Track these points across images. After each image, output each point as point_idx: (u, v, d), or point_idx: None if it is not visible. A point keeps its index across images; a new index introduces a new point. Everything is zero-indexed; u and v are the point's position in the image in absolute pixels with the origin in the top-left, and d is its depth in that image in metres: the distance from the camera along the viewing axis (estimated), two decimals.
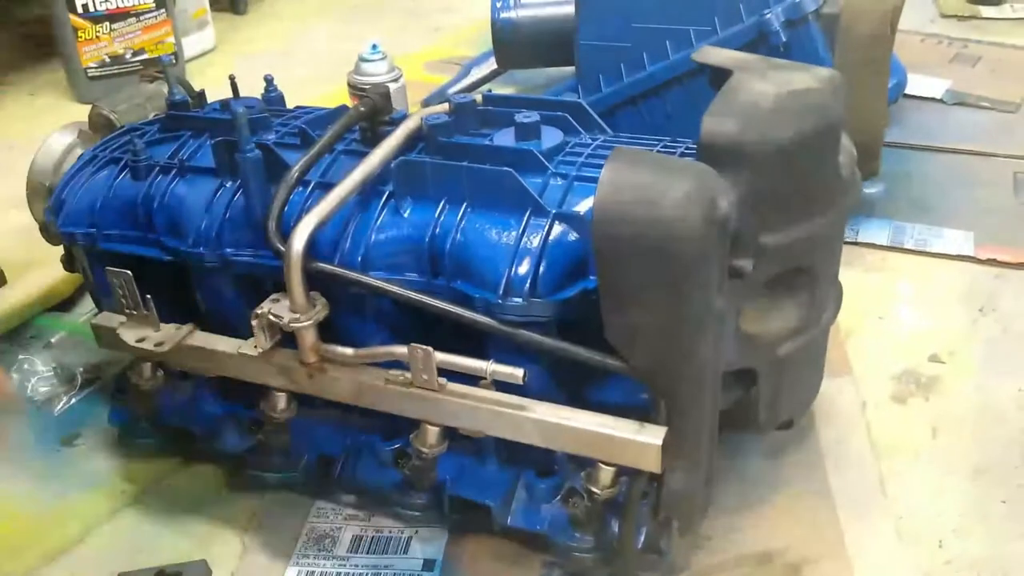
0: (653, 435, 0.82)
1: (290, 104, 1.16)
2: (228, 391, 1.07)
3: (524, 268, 0.85)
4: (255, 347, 0.94)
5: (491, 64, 1.91)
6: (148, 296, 0.95)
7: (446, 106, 1.00)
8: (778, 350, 0.92)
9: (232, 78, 1.15)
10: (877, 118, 1.42)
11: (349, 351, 0.91)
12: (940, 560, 0.97)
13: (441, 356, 0.86)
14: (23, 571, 1.01)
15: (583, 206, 0.88)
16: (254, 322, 0.91)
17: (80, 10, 2.05)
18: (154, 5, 2.12)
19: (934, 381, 1.20)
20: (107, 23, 2.08)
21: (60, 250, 1.12)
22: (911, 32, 2.22)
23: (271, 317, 0.89)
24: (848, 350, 1.26)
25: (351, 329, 0.94)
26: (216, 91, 1.17)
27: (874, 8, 1.40)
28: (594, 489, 0.87)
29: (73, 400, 1.23)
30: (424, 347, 0.86)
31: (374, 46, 1.66)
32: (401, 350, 0.87)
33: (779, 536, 1.00)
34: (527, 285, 0.85)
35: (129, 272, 0.95)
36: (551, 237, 0.87)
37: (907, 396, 1.18)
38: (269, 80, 1.14)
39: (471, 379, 0.88)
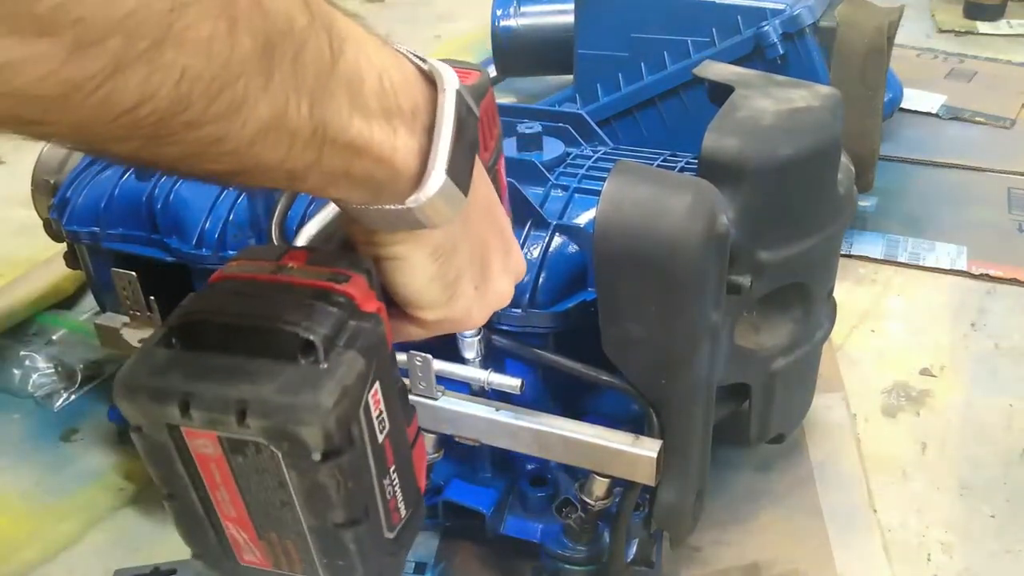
0: (648, 447, 0.83)
1: None
2: None
3: (524, 279, 0.86)
4: None
5: (491, 72, 1.92)
6: (152, 298, 0.95)
7: None
8: (772, 365, 0.93)
9: None
10: (872, 132, 1.43)
11: None
12: (927, 574, 0.98)
13: (439, 364, 0.87)
14: (22, 567, 1.01)
15: (584, 218, 0.89)
16: None
17: None
18: None
19: (924, 395, 1.21)
20: None
21: (63, 247, 1.13)
22: (907, 46, 2.23)
23: None
24: (839, 363, 1.27)
25: None
26: None
27: (871, 22, 1.41)
28: (588, 500, 0.88)
29: (73, 397, 1.24)
30: (423, 354, 0.86)
31: None
32: (400, 357, 0.88)
33: (768, 549, 1.01)
34: (527, 296, 0.86)
35: (134, 274, 0.95)
36: (551, 248, 0.87)
37: (897, 410, 1.19)
38: None
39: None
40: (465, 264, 0.57)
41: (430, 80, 0.50)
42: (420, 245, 0.53)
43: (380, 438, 0.51)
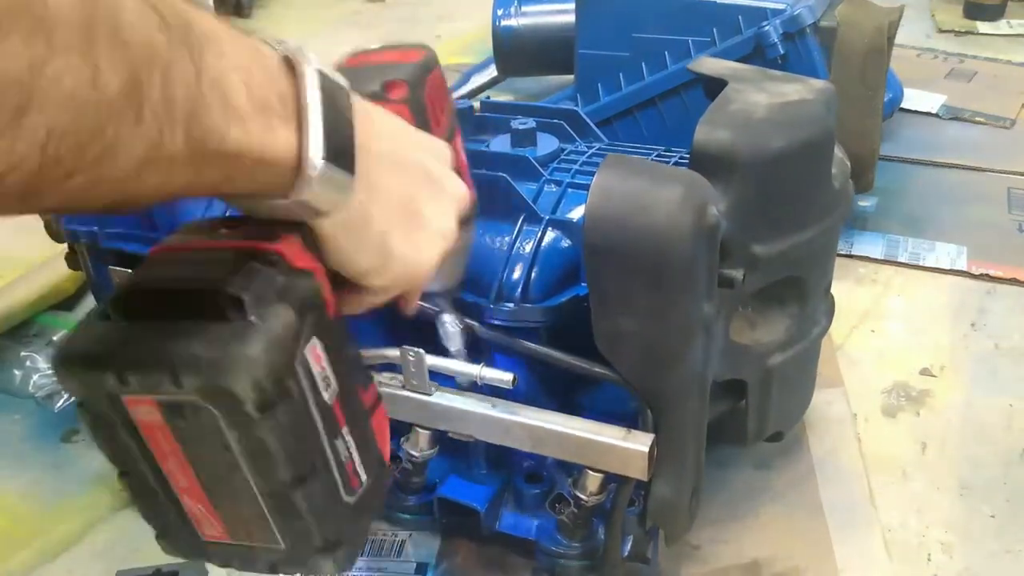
0: (640, 442, 0.82)
1: None
2: None
3: (516, 273, 0.86)
4: None
5: (491, 71, 1.92)
6: None
7: None
8: (768, 361, 0.92)
9: None
10: (872, 132, 1.43)
11: None
12: (927, 574, 0.97)
13: (432, 359, 0.86)
14: (22, 568, 1.01)
15: (577, 213, 0.89)
16: None
17: None
18: None
19: (925, 395, 1.21)
20: None
21: (64, 247, 1.13)
22: (907, 46, 2.23)
23: None
24: (839, 362, 1.26)
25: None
26: None
27: (871, 22, 1.40)
28: (581, 495, 0.87)
29: (73, 397, 1.23)
30: (416, 350, 0.86)
31: None
32: (393, 353, 0.88)
33: (767, 547, 1.00)
34: (519, 290, 0.86)
35: (131, 272, 0.95)
36: (544, 243, 0.87)
37: (897, 410, 1.19)
38: None
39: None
40: (387, 225, 0.55)
41: (291, 65, 0.49)
42: (327, 226, 0.52)
43: (327, 397, 0.51)
